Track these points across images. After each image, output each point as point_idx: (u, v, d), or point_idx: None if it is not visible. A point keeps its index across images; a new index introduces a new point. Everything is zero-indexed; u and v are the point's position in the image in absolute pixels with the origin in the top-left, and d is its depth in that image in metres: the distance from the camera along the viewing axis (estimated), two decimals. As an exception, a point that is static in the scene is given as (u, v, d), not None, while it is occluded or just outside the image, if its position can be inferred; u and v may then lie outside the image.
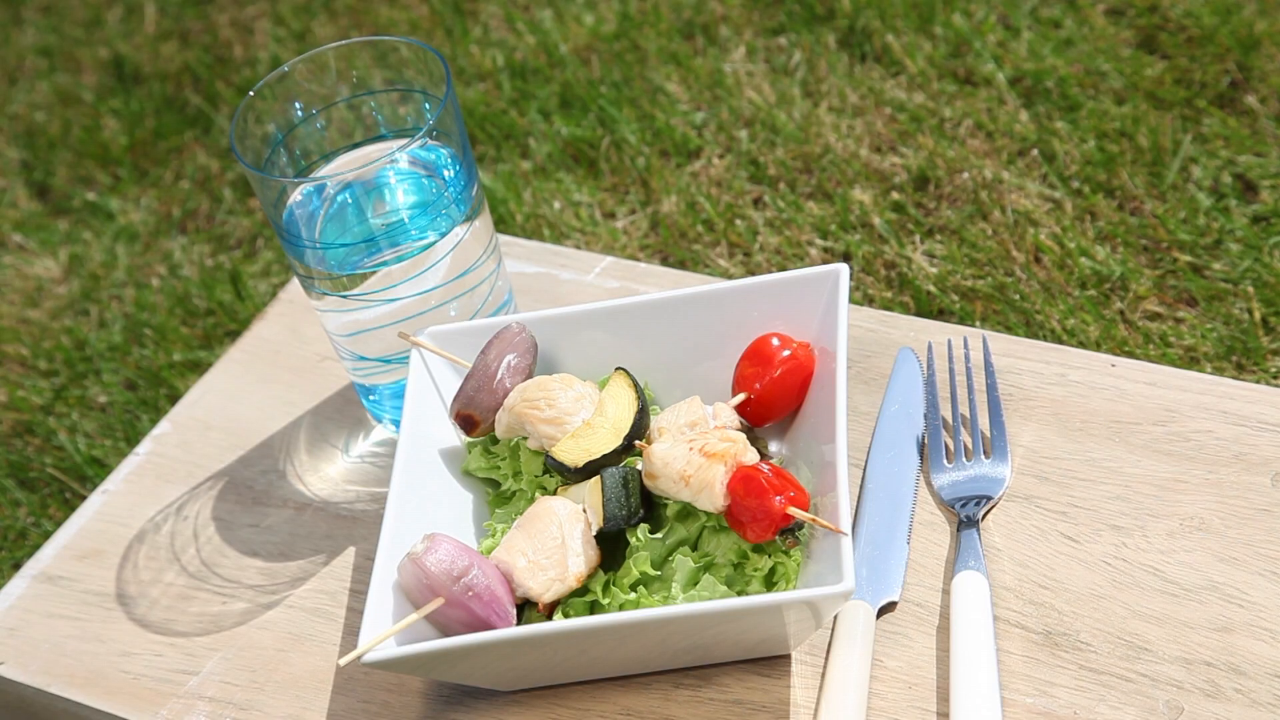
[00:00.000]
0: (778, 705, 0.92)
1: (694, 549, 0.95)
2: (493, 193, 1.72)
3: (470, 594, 0.91)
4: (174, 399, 1.60)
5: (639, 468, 0.96)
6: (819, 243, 1.56)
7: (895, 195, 1.58)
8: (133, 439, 1.58)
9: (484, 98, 1.88)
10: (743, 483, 0.91)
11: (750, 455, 0.93)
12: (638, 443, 0.97)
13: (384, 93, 1.08)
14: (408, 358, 1.07)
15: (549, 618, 0.94)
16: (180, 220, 1.89)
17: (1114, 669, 0.90)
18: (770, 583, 0.92)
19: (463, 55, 1.97)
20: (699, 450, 0.93)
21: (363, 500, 1.11)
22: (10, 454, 1.62)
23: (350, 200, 1.06)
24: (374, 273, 1.05)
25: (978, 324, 1.44)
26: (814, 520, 0.89)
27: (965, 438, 1.02)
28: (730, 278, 1.49)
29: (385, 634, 0.90)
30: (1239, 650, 0.89)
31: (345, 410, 1.18)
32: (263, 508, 1.13)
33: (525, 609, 0.94)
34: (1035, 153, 1.59)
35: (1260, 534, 0.94)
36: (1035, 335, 1.41)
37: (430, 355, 1.06)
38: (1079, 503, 0.98)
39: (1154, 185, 1.52)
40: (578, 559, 0.94)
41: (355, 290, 1.05)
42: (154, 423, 1.55)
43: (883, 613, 0.95)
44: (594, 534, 0.95)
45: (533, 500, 0.99)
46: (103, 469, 1.56)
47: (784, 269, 1.54)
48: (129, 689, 1.04)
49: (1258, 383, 1.26)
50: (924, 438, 1.03)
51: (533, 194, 1.72)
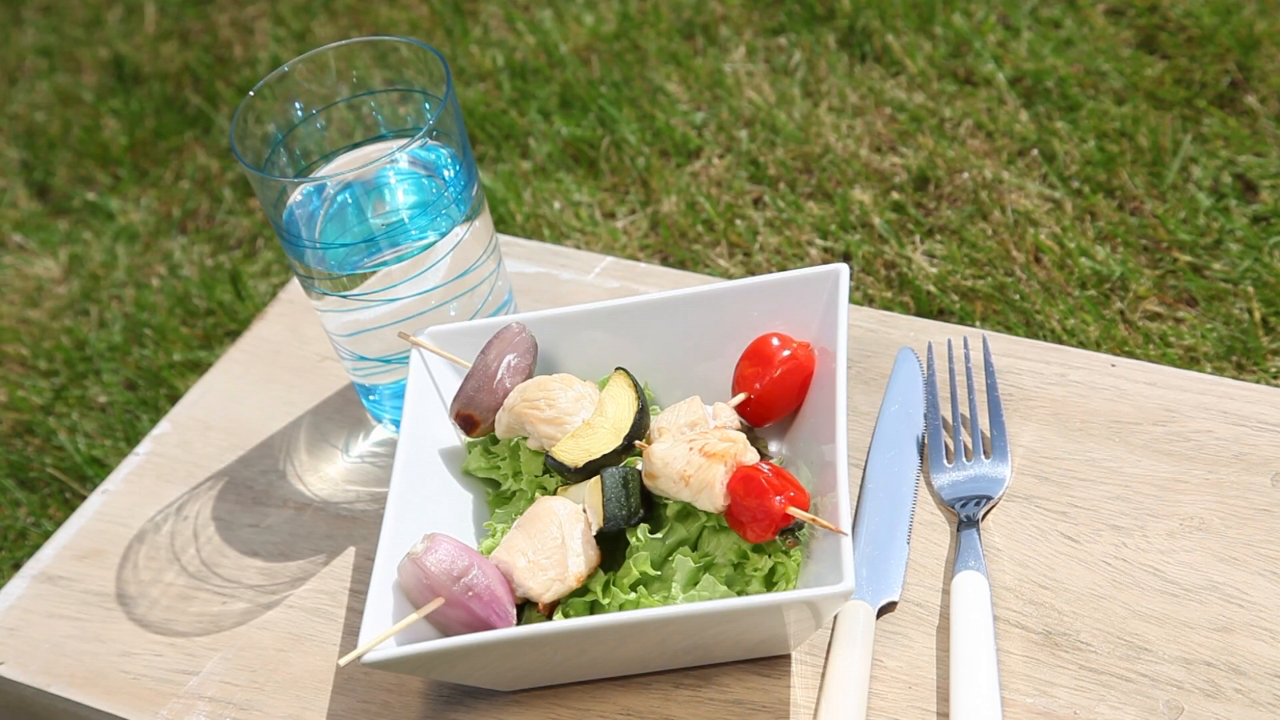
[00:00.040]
0: (778, 705, 0.92)
1: (694, 549, 0.95)
2: (493, 193, 1.72)
3: (470, 594, 0.91)
4: (174, 399, 1.60)
5: (639, 468, 0.96)
6: (819, 243, 1.56)
7: (895, 195, 1.58)
8: (133, 439, 1.58)
9: (484, 98, 1.88)
10: (743, 483, 0.91)
11: (750, 455, 0.93)
12: (638, 443, 0.97)
13: (384, 93, 1.08)
14: (408, 358, 1.07)
15: (549, 618, 0.93)
16: (180, 220, 1.89)
17: (1114, 669, 0.90)
18: (770, 583, 0.92)
19: (463, 55, 1.96)
20: (699, 450, 0.93)
21: (363, 500, 1.11)
22: (10, 454, 1.62)
23: (350, 200, 1.06)
24: (374, 273, 1.05)
25: (978, 324, 1.44)
26: (814, 520, 0.89)
27: (965, 438, 1.02)
28: (730, 278, 1.49)
29: (385, 634, 0.90)
30: (1239, 650, 0.89)
31: (345, 410, 1.18)
32: (263, 508, 1.13)
33: (525, 609, 0.94)
34: (1035, 153, 1.59)
35: (1260, 534, 0.94)
36: (1035, 335, 1.41)
37: (430, 355, 1.05)
38: (1079, 503, 0.98)
39: (1154, 185, 1.52)
40: (578, 559, 0.94)
41: (355, 290, 1.05)
42: (154, 423, 1.55)
43: (883, 613, 0.95)
44: (594, 534, 0.95)
45: (533, 500, 0.99)
46: (103, 469, 1.56)
47: (784, 269, 1.54)
48: (129, 689, 1.04)
49: (1258, 383, 1.26)
50: (924, 438, 1.03)
51: (533, 194, 1.72)
